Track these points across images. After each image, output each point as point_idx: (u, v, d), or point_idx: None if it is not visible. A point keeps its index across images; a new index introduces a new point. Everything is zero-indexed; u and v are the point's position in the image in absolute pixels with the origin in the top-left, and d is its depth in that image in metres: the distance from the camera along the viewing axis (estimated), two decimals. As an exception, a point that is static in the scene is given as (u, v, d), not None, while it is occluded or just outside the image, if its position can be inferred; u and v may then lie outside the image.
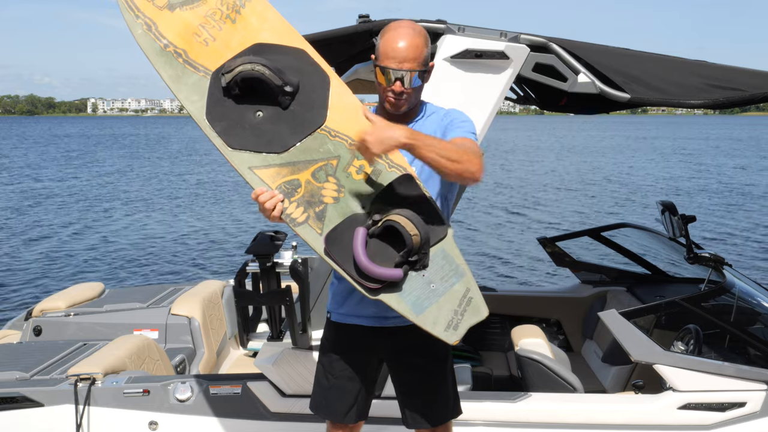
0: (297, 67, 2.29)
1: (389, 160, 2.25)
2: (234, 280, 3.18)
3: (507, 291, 5.10)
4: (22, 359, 3.53)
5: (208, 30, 2.30)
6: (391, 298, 2.20)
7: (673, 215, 4.03)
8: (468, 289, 2.23)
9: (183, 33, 2.30)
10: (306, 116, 2.28)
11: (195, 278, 9.99)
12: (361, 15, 3.07)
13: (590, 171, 28.20)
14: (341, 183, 2.25)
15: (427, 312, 2.20)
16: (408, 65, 2.27)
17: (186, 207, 17.89)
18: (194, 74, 2.28)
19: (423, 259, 2.21)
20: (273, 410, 3.18)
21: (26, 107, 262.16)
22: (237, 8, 2.32)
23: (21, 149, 45.21)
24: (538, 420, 3.13)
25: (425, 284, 2.22)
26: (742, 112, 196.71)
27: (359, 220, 2.22)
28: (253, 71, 2.21)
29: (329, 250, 2.21)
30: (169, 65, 2.29)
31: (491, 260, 11.14)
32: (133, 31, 2.31)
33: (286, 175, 2.24)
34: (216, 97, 2.27)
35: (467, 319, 2.22)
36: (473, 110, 2.85)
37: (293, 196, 2.24)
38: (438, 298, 2.21)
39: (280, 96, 2.26)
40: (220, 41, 2.30)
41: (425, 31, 2.36)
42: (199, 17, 2.31)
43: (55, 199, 19.39)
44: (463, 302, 2.22)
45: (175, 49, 2.29)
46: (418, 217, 2.19)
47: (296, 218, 2.23)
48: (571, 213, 16.58)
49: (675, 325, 3.78)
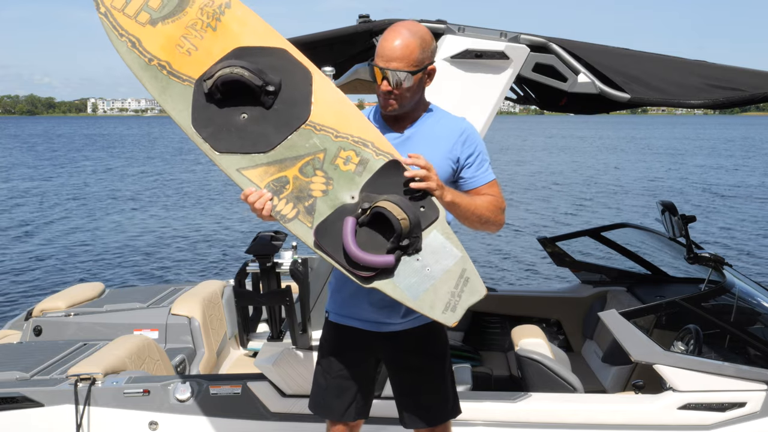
0: (279, 66, 2.31)
1: (376, 148, 2.26)
2: (234, 280, 3.18)
3: (507, 291, 5.10)
4: (22, 359, 3.53)
5: (190, 40, 2.34)
6: (385, 285, 2.20)
7: (673, 215, 4.03)
8: (464, 269, 2.22)
9: (166, 46, 2.33)
10: (290, 113, 2.30)
11: (195, 278, 9.99)
12: (361, 15, 3.07)
13: (590, 171, 28.20)
14: (329, 175, 2.26)
15: (423, 296, 2.20)
16: (395, 64, 2.26)
17: (186, 207, 17.88)
18: (179, 84, 2.32)
19: (415, 243, 2.20)
20: (273, 410, 3.18)
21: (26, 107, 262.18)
22: (217, 16, 2.35)
23: (18, 149, 45.18)
24: (538, 420, 3.13)
25: (420, 268, 2.21)
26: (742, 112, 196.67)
27: (349, 210, 2.23)
28: (232, 74, 2.23)
29: (319, 242, 2.22)
30: (155, 78, 2.32)
31: (491, 260, 11.15)
32: (118, 49, 2.35)
33: (273, 173, 2.27)
34: (200, 104, 2.30)
35: (465, 300, 2.22)
36: (473, 110, 2.85)
37: (282, 193, 2.25)
38: (433, 280, 2.21)
39: (263, 96, 2.28)
40: (202, 50, 2.33)
41: (428, 34, 2.33)
42: (181, 29, 2.35)
43: (55, 200, 19.39)
44: (459, 283, 2.21)
45: (159, 62, 2.33)
46: (406, 201, 2.19)
47: (286, 214, 2.24)
48: (571, 213, 16.58)
49: (675, 325, 3.78)
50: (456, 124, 2.42)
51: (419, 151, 2.35)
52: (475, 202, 2.34)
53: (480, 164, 2.41)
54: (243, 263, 3.11)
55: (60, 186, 22.89)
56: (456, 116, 2.46)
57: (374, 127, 2.32)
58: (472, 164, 2.40)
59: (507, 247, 12.25)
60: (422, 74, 2.32)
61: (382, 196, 2.20)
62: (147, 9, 2.35)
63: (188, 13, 2.35)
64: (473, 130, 2.44)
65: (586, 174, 26.79)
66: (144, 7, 2.35)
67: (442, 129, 2.40)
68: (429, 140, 2.38)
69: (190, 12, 2.35)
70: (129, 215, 16.41)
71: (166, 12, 2.35)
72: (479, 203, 2.34)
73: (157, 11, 2.35)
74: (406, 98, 2.33)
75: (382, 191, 2.22)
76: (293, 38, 3.42)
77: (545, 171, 28.24)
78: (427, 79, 2.37)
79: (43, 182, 24.15)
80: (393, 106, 2.34)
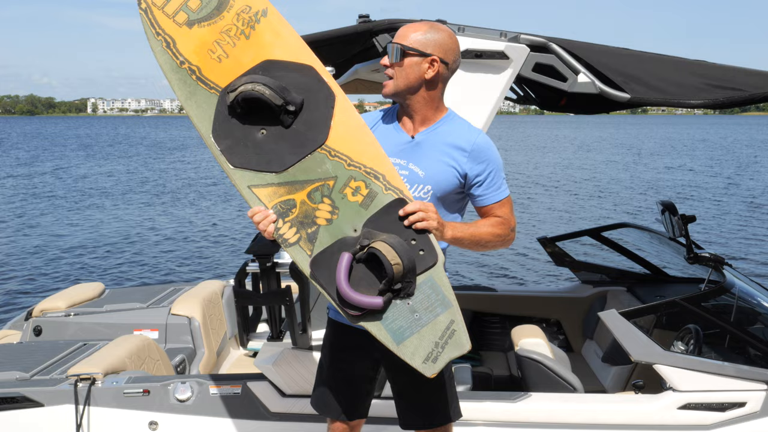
0: (303, 84, 2.28)
1: (386, 182, 2.23)
2: (234, 280, 3.18)
3: (507, 291, 5.09)
4: (22, 359, 3.53)
5: (222, 46, 2.31)
6: (372, 326, 2.18)
7: (673, 215, 4.03)
8: (452, 320, 2.19)
9: (198, 49, 2.31)
10: (307, 135, 2.26)
11: (195, 278, 9.99)
12: (361, 15, 3.07)
13: (590, 171, 28.20)
14: (336, 204, 2.23)
15: (407, 342, 2.17)
16: (397, 40, 2.33)
17: (186, 207, 17.89)
18: (205, 91, 2.29)
19: (407, 287, 2.17)
20: (273, 410, 3.18)
21: (26, 107, 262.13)
22: (252, 24, 2.32)
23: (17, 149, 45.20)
24: (538, 420, 3.13)
25: (409, 313, 2.18)
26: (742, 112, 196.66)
27: (348, 244, 2.20)
28: (254, 91, 2.20)
29: (314, 273, 2.20)
30: (183, 82, 2.30)
31: (491, 260, 11.14)
32: (153, 47, 2.32)
33: (282, 194, 2.24)
34: (223, 115, 2.27)
35: (447, 352, 2.18)
36: (473, 110, 2.85)
37: (287, 216, 2.23)
38: (420, 328, 2.17)
39: (282, 115, 2.25)
40: (232, 58, 2.30)
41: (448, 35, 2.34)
42: (215, 33, 2.31)
43: (56, 199, 19.39)
44: (445, 335, 2.18)
45: (190, 66, 2.30)
46: (404, 244, 2.15)
47: (288, 239, 2.22)
48: (571, 213, 16.59)
49: (675, 325, 3.78)
50: (468, 137, 2.38)
51: (426, 158, 2.35)
52: (479, 231, 2.33)
53: (491, 182, 2.38)
54: (243, 263, 3.11)
55: (60, 186, 22.89)
56: (473, 127, 2.42)
57: (388, 159, 2.28)
58: (483, 182, 2.37)
59: (507, 247, 12.23)
60: (421, 60, 2.32)
61: (381, 235, 2.17)
62: (186, 9, 2.32)
63: (225, 18, 2.32)
64: (487, 145, 2.38)
65: (587, 174, 26.79)
66: (183, 6, 2.32)
67: (453, 139, 2.37)
68: (437, 148, 2.36)
69: (227, 17, 2.32)
70: (129, 215, 16.41)
71: (204, 14, 2.31)
72: (483, 232, 2.35)
73: (196, 12, 2.31)
74: (400, 79, 2.34)
75: (384, 229, 2.19)
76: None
77: (545, 171, 28.24)
78: (429, 70, 2.33)
79: (43, 182, 24.15)
80: (388, 87, 2.37)
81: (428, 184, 2.35)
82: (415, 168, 2.35)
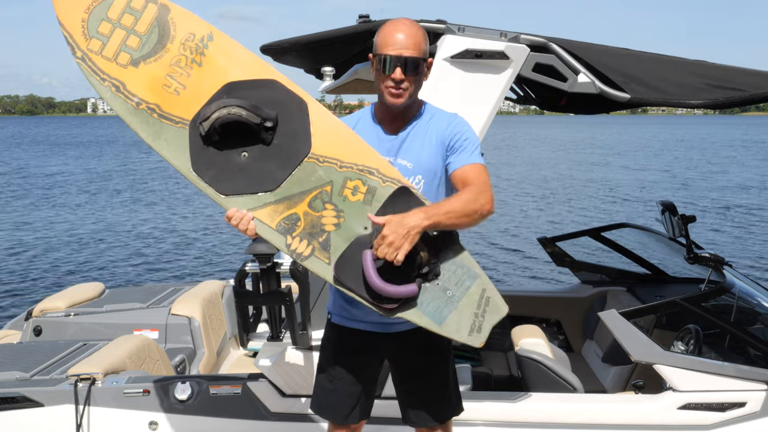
0: (272, 99, 2.25)
1: (382, 175, 2.23)
2: (234, 280, 3.18)
3: (507, 291, 5.09)
4: (22, 359, 3.53)
5: (176, 78, 2.24)
6: (411, 314, 2.18)
7: (673, 215, 4.03)
8: (484, 289, 2.22)
9: (152, 87, 2.23)
10: (291, 147, 2.23)
11: (195, 278, 9.99)
12: (361, 15, 3.07)
13: (590, 171, 28.19)
14: (339, 208, 2.22)
15: (448, 320, 2.19)
16: (407, 52, 2.27)
17: (186, 207, 17.88)
18: (172, 127, 2.23)
19: (434, 268, 2.19)
20: (273, 410, 3.18)
21: (26, 107, 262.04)
22: (200, 50, 2.25)
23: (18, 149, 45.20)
24: (538, 420, 3.13)
25: (441, 292, 2.20)
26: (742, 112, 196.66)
27: (364, 242, 2.19)
28: (230, 115, 2.17)
29: (340, 278, 2.18)
30: (145, 123, 2.23)
31: (491, 260, 11.15)
32: (102, 95, 2.25)
33: (283, 211, 2.22)
34: (198, 147, 2.22)
35: (489, 320, 2.21)
36: (473, 110, 2.85)
37: (294, 231, 2.21)
38: (456, 303, 2.20)
39: (262, 133, 2.22)
40: (190, 88, 2.23)
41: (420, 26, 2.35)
42: (165, 67, 2.24)
43: (56, 200, 19.39)
44: (481, 303, 2.21)
45: (148, 105, 2.23)
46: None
47: (302, 252, 2.20)
48: (571, 213, 16.58)
49: (675, 325, 3.78)
50: (446, 119, 2.40)
51: (411, 150, 2.36)
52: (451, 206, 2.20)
53: (465, 148, 2.34)
54: (243, 263, 3.11)
55: (60, 186, 22.88)
56: (447, 112, 2.44)
57: (376, 152, 2.28)
58: (457, 149, 2.34)
59: (507, 247, 12.25)
60: (425, 65, 2.33)
61: None
62: (126, 49, 2.24)
63: (170, 50, 2.25)
64: (462, 121, 2.40)
65: (586, 174, 26.78)
66: (122, 47, 2.24)
67: (433, 126, 2.39)
68: (420, 137, 2.38)
69: (172, 48, 2.25)
70: (129, 215, 16.41)
71: (147, 50, 2.25)
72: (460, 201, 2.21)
73: (138, 50, 2.25)
74: (414, 89, 2.32)
75: None
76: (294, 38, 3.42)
77: (545, 171, 28.23)
78: (426, 71, 2.36)
79: (43, 183, 24.15)
80: (403, 98, 2.30)
81: (418, 174, 2.36)
82: (403, 162, 2.36)
